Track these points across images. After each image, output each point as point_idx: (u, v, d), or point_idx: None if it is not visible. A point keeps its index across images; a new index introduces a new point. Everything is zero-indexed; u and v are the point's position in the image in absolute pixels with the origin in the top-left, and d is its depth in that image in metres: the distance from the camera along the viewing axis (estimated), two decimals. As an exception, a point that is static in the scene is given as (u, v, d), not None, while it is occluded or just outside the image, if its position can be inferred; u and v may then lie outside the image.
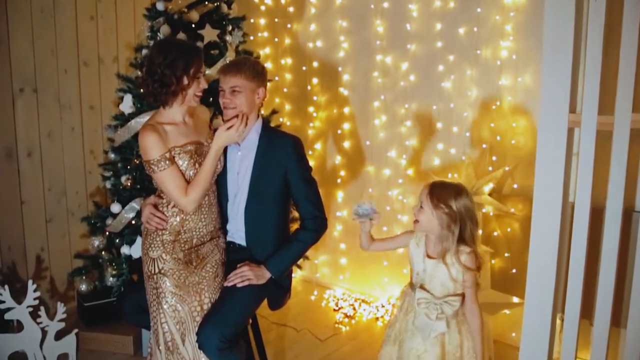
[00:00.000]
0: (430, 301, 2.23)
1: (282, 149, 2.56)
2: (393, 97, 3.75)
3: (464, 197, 2.20)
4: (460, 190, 2.22)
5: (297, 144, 2.64)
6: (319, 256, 4.27)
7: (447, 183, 2.27)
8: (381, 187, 3.87)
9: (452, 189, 2.22)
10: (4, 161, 3.44)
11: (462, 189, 2.23)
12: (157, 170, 2.35)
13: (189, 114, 2.50)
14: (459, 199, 2.19)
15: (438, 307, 2.23)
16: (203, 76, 2.45)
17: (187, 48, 2.41)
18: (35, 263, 3.65)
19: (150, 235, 2.47)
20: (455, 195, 2.19)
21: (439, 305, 2.23)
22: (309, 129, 4.18)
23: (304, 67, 4.12)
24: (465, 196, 2.21)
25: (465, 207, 2.20)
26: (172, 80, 2.35)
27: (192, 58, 2.38)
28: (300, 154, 2.62)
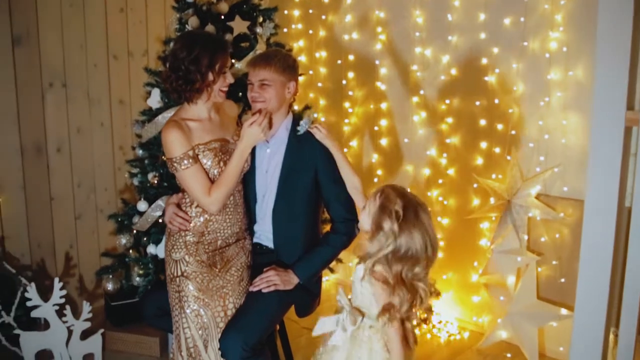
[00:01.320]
0: (345, 307, 2.09)
1: (312, 147, 2.48)
2: (433, 92, 3.64)
3: (409, 223, 1.93)
4: (411, 212, 1.95)
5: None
6: (353, 259, 4.16)
7: (405, 195, 2.01)
8: (420, 187, 3.76)
9: (405, 204, 1.96)
10: (33, 156, 3.48)
11: (414, 213, 1.95)
12: (179, 168, 2.30)
13: (215, 110, 2.46)
14: (404, 223, 1.93)
15: (350, 316, 2.06)
16: (230, 70, 2.39)
17: (211, 42, 2.35)
18: (64, 260, 3.68)
19: (173, 236, 2.43)
20: (401, 215, 1.94)
21: (349, 314, 2.06)
22: (344, 126, 4.09)
23: (339, 61, 4.04)
24: (411, 224, 1.93)
25: (407, 238, 1.93)
26: (197, 76, 2.30)
27: (217, 52, 2.32)
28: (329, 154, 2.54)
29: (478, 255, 3.52)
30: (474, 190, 3.51)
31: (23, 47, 3.36)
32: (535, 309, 3.19)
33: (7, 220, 3.42)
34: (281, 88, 2.46)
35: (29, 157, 3.46)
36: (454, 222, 3.63)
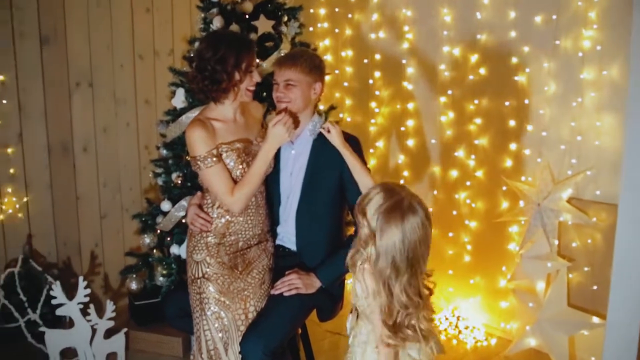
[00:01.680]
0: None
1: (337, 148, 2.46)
2: (461, 92, 3.58)
3: (392, 225, 1.69)
4: (399, 214, 1.71)
5: (355, 143, 2.54)
6: (378, 261, 4.13)
7: (394, 194, 1.75)
8: (447, 189, 3.71)
9: (389, 204, 1.72)
10: (60, 156, 3.54)
11: (404, 215, 1.71)
12: (203, 167, 2.30)
13: (240, 111, 2.45)
14: (385, 227, 1.70)
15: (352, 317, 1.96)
16: (256, 69, 2.38)
17: (237, 41, 2.35)
18: (89, 259, 3.73)
19: (195, 237, 2.44)
20: (386, 216, 1.71)
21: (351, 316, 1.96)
22: (370, 126, 4.06)
23: (365, 60, 4.01)
24: (397, 226, 1.69)
25: (390, 240, 1.70)
26: (223, 76, 2.30)
27: (243, 51, 2.32)
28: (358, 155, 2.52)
29: (506, 260, 3.45)
30: (502, 193, 3.45)
31: (51, 47, 3.41)
32: (565, 316, 3.11)
33: (34, 218, 3.48)
34: (307, 88, 2.45)
35: (55, 156, 3.51)
36: (482, 225, 3.57)
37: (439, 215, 3.75)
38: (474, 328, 3.58)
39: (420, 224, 1.72)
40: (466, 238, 3.64)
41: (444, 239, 3.74)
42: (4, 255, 3.39)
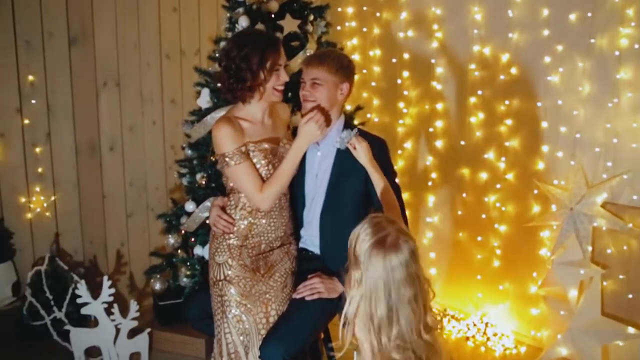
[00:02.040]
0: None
1: None
2: (492, 93, 3.51)
3: (374, 264, 1.55)
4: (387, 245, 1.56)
5: (381, 146, 2.51)
6: (405, 264, 4.08)
7: (379, 230, 1.61)
8: (476, 192, 3.64)
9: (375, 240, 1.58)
10: (87, 155, 3.58)
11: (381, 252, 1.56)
12: (231, 163, 2.28)
13: (268, 113, 2.43)
14: (368, 266, 1.56)
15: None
16: (284, 68, 2.36)
17: (262, 39, 2.33)
18: (115, 258, 3.77)
19: (217, 238, 2.43)
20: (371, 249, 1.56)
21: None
22: (398, 126, 4.01)
23: (393, 59, 3.96)
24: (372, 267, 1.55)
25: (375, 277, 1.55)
26: (247, 75, 2.29)
27: (267, 50, 2.29)
28: (384, 158, 2.49)
29: (537, 266, 3.37)
30: (534, 196, 3.37)
31: (79, 47, 3.46)
32: (599, 325, 3.02)
33: (62, 217, 3.53)
34: (333, 89, 2.42)
35: (83, 155, 3.56)
36: (512, 229, 3.49)
37: (467, 219, 3.69)
38: (503, 335, 3.50)
39: (402, 263, 1.54)
40: (496, 242, 3.56)
41: (472, 243, 3.67)
42: (32, 253, 3.44)
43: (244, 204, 2.40)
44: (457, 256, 3.78)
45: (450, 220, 3.80)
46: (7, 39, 3.23)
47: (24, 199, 3.39)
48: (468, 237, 3.69)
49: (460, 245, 3.75)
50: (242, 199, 2.40)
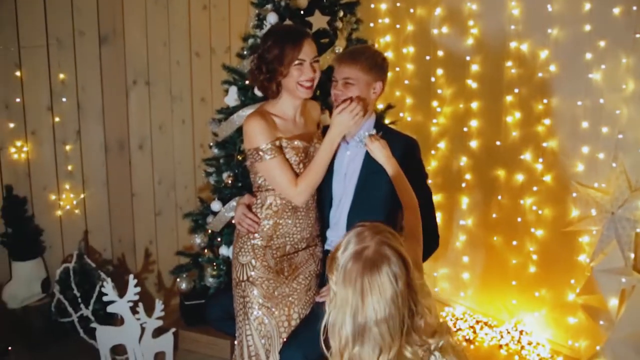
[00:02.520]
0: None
1: (394, 150, 2.37)
2: (529, 91, 3.41)
3: (347, 284, 1.49)
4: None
5: (412, 146, 2.46)
6: (438, 268, 4.02)
7: (360, 241, 1.53)
8: (512, 194, 3.54)
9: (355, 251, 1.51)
10: (116, 153, 3.62)
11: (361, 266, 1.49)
12: (266, 157, 2.26)
13: (300, 111, 2.40)
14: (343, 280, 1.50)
15: None
16: (313, 64, 2.30)
17: (285, 33, 2.32)
18: (143, 256, 3.81)
19: (242, 238, 2.41)
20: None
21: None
22: (431, 126, 3.94)
23: (427, 57, 3.89)
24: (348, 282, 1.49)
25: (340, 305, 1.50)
26: (264, 67, 2.29)
27: (287, 43, 2.26)
28: (415, 158, 2.44)
29: (576, 273, 3.26)
30: (572, 199, 3.26)
31: (109, 45, 3.50)
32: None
33: (91, 215, 3.58)
34: (366, 88, 2.37)
35: (112, 153, 3.60)
36: (549, 234, 3.38)
37: (502, 222, 3.60)
38: (539, 344, 3.40)
39: (377, 284, 1.46)
40: (532, 247, 3.46)
41: (507, 248, 3.57)
42: (62, 250, 3.50)
43: (270, 203, 2.37)
44: (491, 261, 3.69)
45: (485, 224, 3.71)
46: (39, 38, 3.29)
47: (54, 196, 3.45)
48: (503, 241, 3.60)
49: (494, 250, 3.66)
50: (269, 198, 2.37)
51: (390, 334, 1.47)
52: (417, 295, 1.56)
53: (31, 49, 3.27)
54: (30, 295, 3.33)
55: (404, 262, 1.51)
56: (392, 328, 1.47)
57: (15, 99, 3.26)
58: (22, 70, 3.27)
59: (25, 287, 3.32)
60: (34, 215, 3.39)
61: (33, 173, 3.37)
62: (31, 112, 3.33)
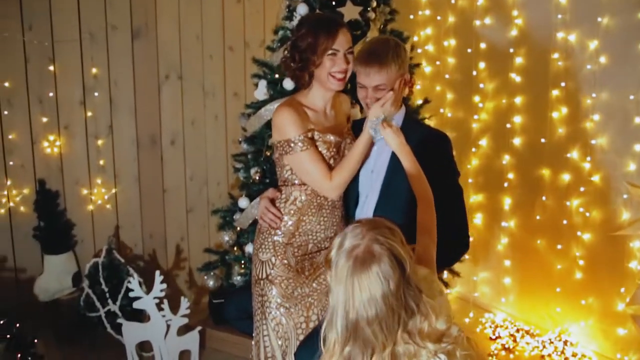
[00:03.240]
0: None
1: (423, 146, 2.27)
2: (577, 85, 3.26)
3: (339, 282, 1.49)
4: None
5: (442, 142, 2.36)
6: (478, 272, 3.88)
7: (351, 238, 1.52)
8: (558, 195, 3.39)
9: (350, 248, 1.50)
10: (148, 148, 3.64)
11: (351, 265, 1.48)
12: (297, 149, 2.21)
13: (331, 104, 2.35)
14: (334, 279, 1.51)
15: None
16: (347, 55, 2.24)
17: (318, 22, 2.27)
18: (174, 253, 3.82)
19: (263, 234, 2.37)
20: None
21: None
22: (473, 122, 3.81)
23: (469, 50, 3.76)
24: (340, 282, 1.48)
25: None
26: (296, 56, 2.24)
27: (320, 32, 2.20)
28: (444, 155, 2.35)
29: (626, 280, 3.08)
30: (623, 201, 3.09)
31: (141, 40, 3.53)
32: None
33: (122, 210, 3.62)
34: (397, 85, 2.28)
35: (144, 148, 3.63)
36: (597, 238, 3.22)
37: (546, 225, 3.46)
38: (584, 356, 3.23)
39: (366, 283, 1.45)
40: (578, 252, 3.30)
41: (552, 252, 3.42)
42: (93, 244, 3.55)
43: (295, 198, 2.32)
44: (535, 265, 3.54)
45: (528, 226, 3.56)
46: (72, 33, 3.35)
47: (85, 190, 3.50)
48: (547, 244, 3.44)
49: (538, 254, 3.50)
50: (294, 193, 2.32)
51: (384, 334, 1.46)
52: (418, 294, 1.52)
53: (64, 44, 3.33)
54: (61, 289, 3.40)
55: (398, 260, 1.48)
56: (385, 328, 1.45)
57: (48, 94, 3.33)
58: (56, 64, 3.33)
59: (56, 281, 3.39)
60: (66, 210, 3.45)
61: (65, 167, 3.44)
62: (64, 107, 3.39)
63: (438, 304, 1.68)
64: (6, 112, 3.25)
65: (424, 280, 1.71)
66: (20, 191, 3.33)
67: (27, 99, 3.30)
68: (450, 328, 1.59)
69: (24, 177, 3.34)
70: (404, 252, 1.51)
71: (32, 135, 3.34)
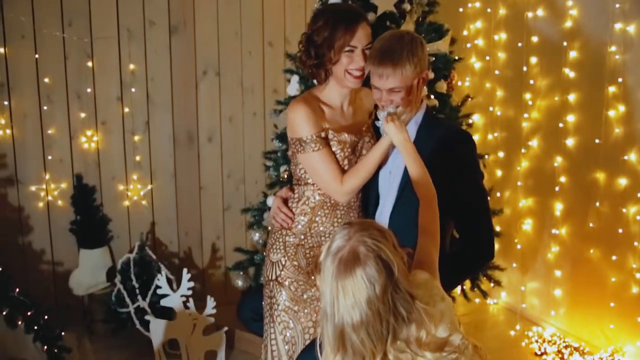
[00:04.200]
0: None
1: (443, 146, 2.15)
2: (636, 80, 3.05)
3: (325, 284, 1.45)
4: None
5: (464, 141, 2.21)
6: (527, 282, 3.68)
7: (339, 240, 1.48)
8: (613, 200, 3.17)
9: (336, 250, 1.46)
10: (185, 145, 3.68)
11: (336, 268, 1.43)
12: (308, 149, 2.14)
13: (349, 99, 2.25)
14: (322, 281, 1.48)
15: None
16: (365, 51, 2.13)
17: (338, 14, 2.15)
18: (210, 251, 3.84)
19: (275, 234, 2.31)
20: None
21: None
22: (523, 121, 3.62)
23: (519, 44, 3.56)
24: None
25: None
26: (312, 51, 2.15)
27: (338, 26, 2.10)
28: (467, 156, 2.20)
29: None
30: (688, 210, 2.82)
31: (179, 36, 3.57)
32: None
33: (158, 206, 3.67)
34: (415, 85, 2.15)
35: (180, 145, 3.66)
36: (658, 249, 2.97)
37: (601, 233, 3.24)
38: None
39: (349, 287, 1.39)
40: (635, 264, 3.06)
41: (606, 263, 3.19)
42: (129, 240, 3.62)
43: (307, 197, 2.24)
44: (587, 277, 3.32)
45: (580, 234, 3.35)
46: (110, 29, 3.42)
47: (122, 186, 3.57)
48: (601, 254, 3.22)
49: (590, 264, 3.28)
50: (306, 192, 2.25)
51: (372, 341, 1.39)
52: (410, 300, 1.44)
53: (102, 40, 3.41)
54: (95, 283, 3.47)
55: (385, 263, 1.41)
56: (373, 335, 1.39)
57: (86, 90, 3.41)
58: (94, 60, 3.41)
59: (90, 275, 3.46)
60: (102, 205, 3.53)
61: (102, 163, 3.52)
62: (101, 103, 3.47)
63: (438, 311, 1.58)
64: (45, 107, 3.35)
65: (423, 285, 1.62)
66: (58, 185, 3.43)
67: (66, 94, 3.40)
68: (452, 336, 1.50)
69: (62, 171, 3.44)
70: (392, 255, 1.44)
71: (70, 131, 3.43)
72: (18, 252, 3.39)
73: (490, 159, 3.78)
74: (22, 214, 3.38)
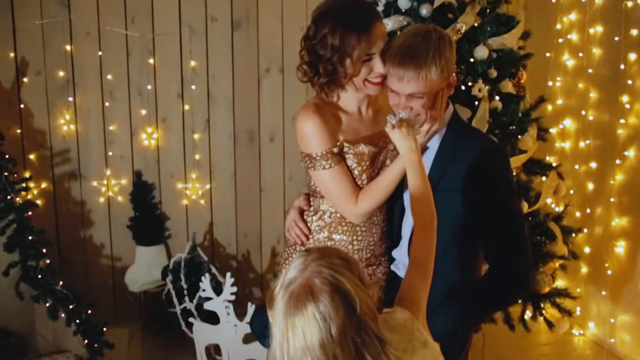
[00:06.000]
0: None
1: (469, 157, 1.91)
2: None
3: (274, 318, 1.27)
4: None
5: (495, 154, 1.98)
6: (617, 313, 3.26)
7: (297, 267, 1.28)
8: None
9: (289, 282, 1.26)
10: (245, 144, 3.65)
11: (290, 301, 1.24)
12: (319, 167, 1.96)
13: (368, 102, 2.03)
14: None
15: None
16: (383, 54, 1.87)
17: (342, 15, 1.85)
18: (269, 255, 3.78)
19: (290, 247, 2.20)
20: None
21: None
22: (618, 128, 3.20)
23: (616, 37, 3.15)
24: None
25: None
26: (319, 66, 1.90)
27: (350, 31, 1.82)
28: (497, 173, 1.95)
29: None
30: None
31: (242, 31, 3.54)
32: None
33: (217, 207, 3.67)
34: (440, 92, 1.89)
35: (241, 144, 3.64)
36: None
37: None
38: None
39: (300, 326, 1.21)
40: None
41: None
42: (186, 239, 3.65)
43: (323, 212, 2.08)
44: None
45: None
46: (172, 25, 3.46)
47: (180, 184, 3.61)
48: None
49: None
50: (322, 206, 2.08)
51: None
52: (377, 345, 1.23)
53: (164, 37, 3.45)
54: (150, 281, 3.54)
55: (344, 298, 1.21)
56: None
57: (147, 86, 3.48)
58: (155, 57, 3.46)
59: (146, 272, 3.53)
60: (160, 202, 3.58)
61: (162, 160, 3.57)
62: (162, 100, 3.52)
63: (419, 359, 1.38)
64: (107, 103, 3.46)
65: (401, 328, 1.42)
66: (118, 181, 3.53)
67: (128, 91, 3.48)
68: None
69: (122, 167, 3.53)
70: (355, 289, 1.23)
71: (131, 127, 3.51)
72: (80, 245, 3.53)
73: (581, 169, 3.40)
74: (84, 208, 3.52)
